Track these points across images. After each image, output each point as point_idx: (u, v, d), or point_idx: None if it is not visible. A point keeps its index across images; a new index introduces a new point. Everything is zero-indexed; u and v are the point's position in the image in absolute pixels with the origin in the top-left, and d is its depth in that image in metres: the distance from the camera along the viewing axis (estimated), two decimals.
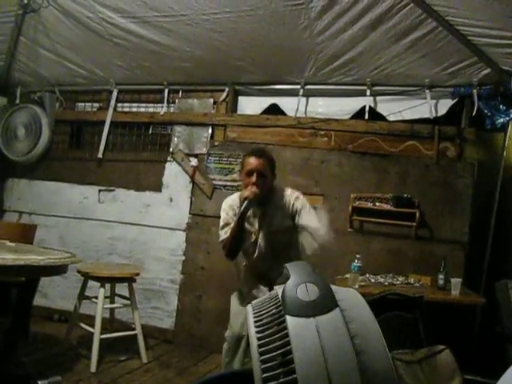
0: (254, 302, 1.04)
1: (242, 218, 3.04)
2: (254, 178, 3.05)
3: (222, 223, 3.19)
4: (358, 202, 4.56)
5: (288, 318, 0.86)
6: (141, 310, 4.60)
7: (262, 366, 0.82)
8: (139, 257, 5.28)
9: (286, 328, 0.85)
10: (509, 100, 4.45)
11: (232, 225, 3.12)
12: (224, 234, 3.16)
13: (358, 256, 3.94)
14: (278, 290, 0.98)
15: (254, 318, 0.94)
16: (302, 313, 0.86)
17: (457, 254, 4.41)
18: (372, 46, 4.23)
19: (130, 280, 4.37)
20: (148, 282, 5.13)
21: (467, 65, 4.25)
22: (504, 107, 4.55)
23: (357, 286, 3.83)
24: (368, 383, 0.79)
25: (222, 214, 3.22)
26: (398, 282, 4.18)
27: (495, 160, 4.90)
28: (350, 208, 4.55)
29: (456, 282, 3.89)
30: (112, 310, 4.74)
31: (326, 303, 0.88)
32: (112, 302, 4.59)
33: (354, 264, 3.89)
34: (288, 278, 0.98)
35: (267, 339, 0.86)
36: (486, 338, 4.19)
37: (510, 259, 4.41)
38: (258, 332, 0.89)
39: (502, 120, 4.61)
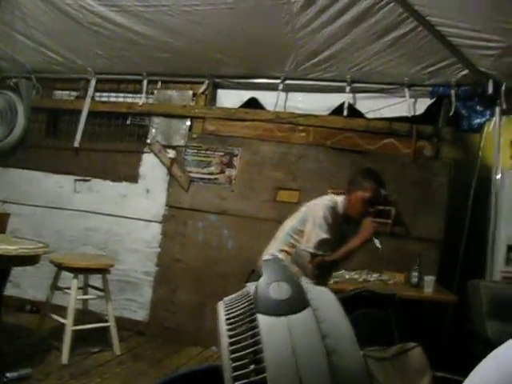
0: (225, 298, 1.04)
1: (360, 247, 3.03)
2: (370, 213, 3.04)
3: (322, 237, 2.95)
4: None
5: (259, 316, 0.85)
6: (114, 301, 4.56)
7: (233, 364, 0.82)
8: (114, 248, 5.23)
9: (257, 326, 0.84)
10: (486, 101, 4.50)
11: (342, 248, 3.04)
12: (322, 250, 2.96)
13: None
14: (250, 287, 0.97)
15: (226, 315, 0.93)
16: (274, 311, 0.85)
17: (431, 251, 4.45)
18: (353, 43, 4.21)
19: (104, 271, 4.33)
20: (122, 273, 5.08)
21: (446, 65, 4.28)
22: (481, 108, 4.60)
23: (331, 282, 3.85)
24: (338, 383, 0.79)
25: (325, 228, 2.97)
26: (372, 279, 4.22)
27: (471, 160, 4.95)
28: None
29: (429, 279, 3.94)
30: (85, 302, 4.68)
31: (298, 302, 0.87)
32: (85, 293, 4.55)
33: None
34: (260, 276, 0.97)
35: (238, 337, 0.86)
36: (457, 335, 4.25)
37: (484, 258, 4.46)
38: (229, 330, 0.88)
39: (478, 121, 4.66)
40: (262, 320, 0.85)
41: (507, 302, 3.41)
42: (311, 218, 3.02)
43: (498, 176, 4.38)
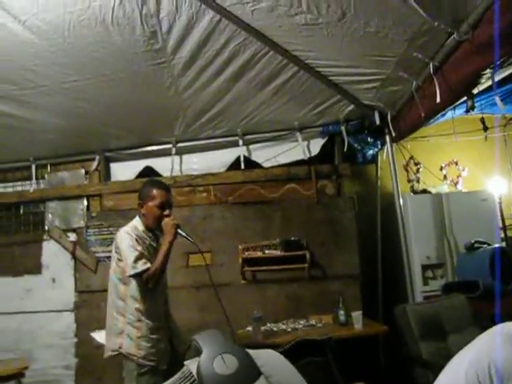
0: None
1: (171, 245, 3.11)
2: (168, 211, 3.18)
3: (136, 254, 2.99)
4: (247, 253, 4.51)
5: None
6: None
7: None
8: (27, 347, 4.86)
9: None
10: (375, 132, 4.65)
11: (158, 254, 3.08)
12: (142, 265, 2.98)
13: (255, 309, 3.90)
14: (190, 365, 0.86)
15: None
16: None
17: (352, 287, 4.49)
18: (238, 96, 4.23)
19: (17, 376, 3.97)
20: (39, 373, 4.72)
21: (332, 103, 4.41)
22: (372, 140, 4.76)
23: (260, 338, 3.76)
24: None
25: (133, 246, 3.03)
26: (300, 326, 4.17)
27: (372, 190, 5.09)
28: (240, 260, 4.49)
29: (357, 315, 3.94)
30: None
31: (248, 374, 0.79)
32: None
33: (254, 316, 3.82)
34: (198, 351, 0.87)
35: None
36: (392, 362, 4.26)
37: (400, 283, 4.54)
38: None
39: (371, 152, 4.82)
40: None
41: (434, 321, 3.48)
42: (118, 252, 3.11)
43: (401, 201, 4.49)
